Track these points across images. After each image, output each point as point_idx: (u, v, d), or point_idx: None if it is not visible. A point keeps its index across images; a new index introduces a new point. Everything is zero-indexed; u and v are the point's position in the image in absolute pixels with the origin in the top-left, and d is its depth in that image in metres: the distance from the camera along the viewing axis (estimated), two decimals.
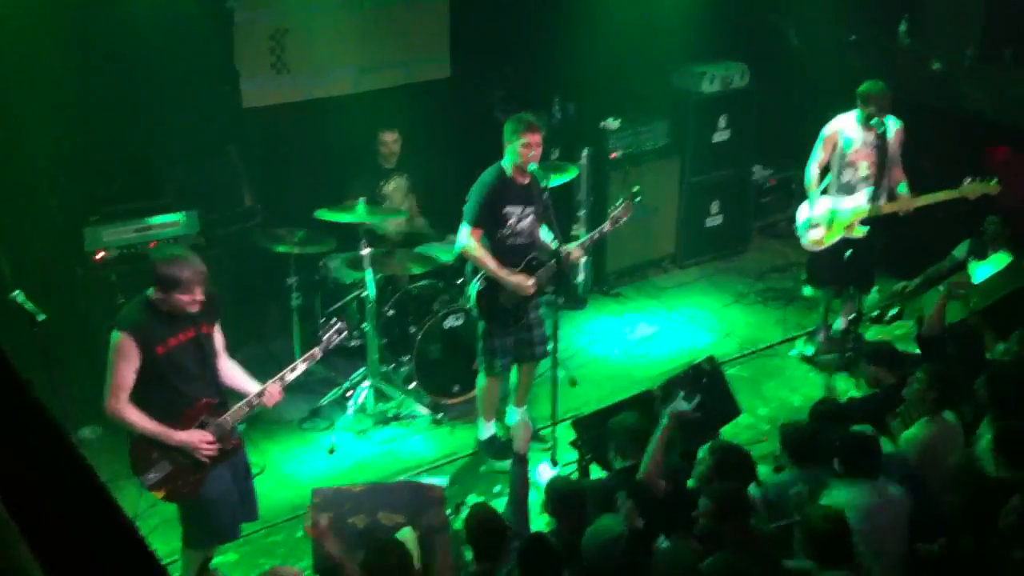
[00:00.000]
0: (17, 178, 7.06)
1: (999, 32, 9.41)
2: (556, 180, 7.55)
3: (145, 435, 4.95)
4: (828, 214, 7.81)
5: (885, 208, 7.67)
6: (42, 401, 1.29)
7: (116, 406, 4.89)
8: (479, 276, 6.60)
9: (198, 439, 4.99)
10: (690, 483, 5.41)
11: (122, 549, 1.28)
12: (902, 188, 7.74)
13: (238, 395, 5.24)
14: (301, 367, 5.39)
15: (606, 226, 6.73)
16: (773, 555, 4.78)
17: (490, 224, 6.48)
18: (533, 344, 6.82)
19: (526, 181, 6.49)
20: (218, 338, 5.27)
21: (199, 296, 4.93)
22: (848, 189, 7.78)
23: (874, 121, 7.55)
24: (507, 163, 6.47)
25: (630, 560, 4.76)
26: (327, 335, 5.58)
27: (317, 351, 5.50)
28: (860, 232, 7.74)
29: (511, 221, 6.48)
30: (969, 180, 7.45)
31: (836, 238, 7.85)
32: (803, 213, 8.04)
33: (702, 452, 5.55)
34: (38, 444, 1.26)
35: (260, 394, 5.16)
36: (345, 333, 5.65)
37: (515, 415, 7.03)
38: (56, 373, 6.65)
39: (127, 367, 4.86)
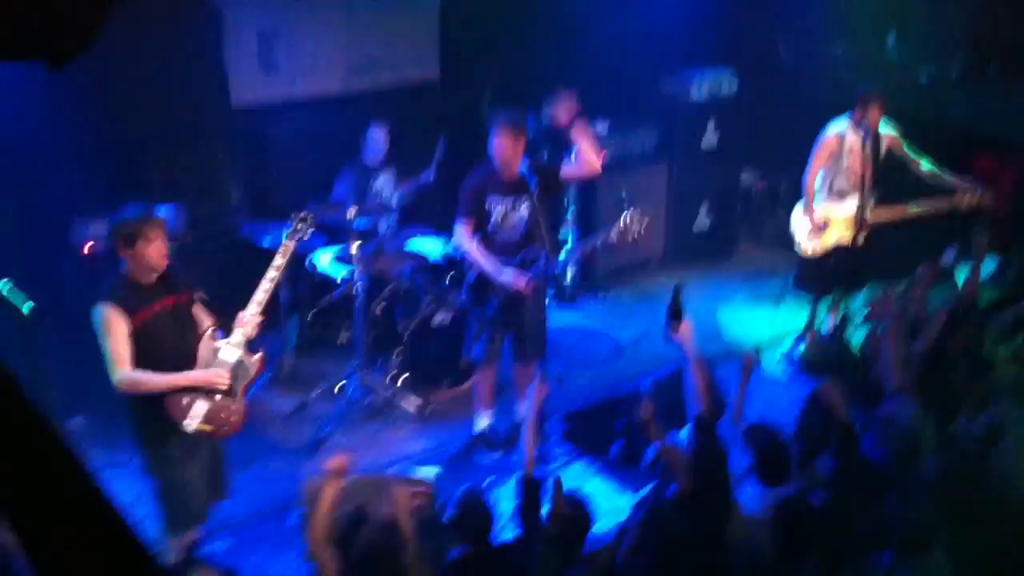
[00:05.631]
0: (1, 172, 7.01)
1: (985, 46, 9.51)
2: None
3: (165, 389, 4.96)
4: (823, 220, 7.86)
5: (877, 215, 7.73)
6: (28, 391, 1.28)
7: (121, 376, 4.87)
8: (475, 269, 6.60)
9: (206, 375, 5.03)
10: None
11: (112, 538, 1.26)
12: (926, 164, 7.78)
13: None
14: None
15: (612, 234, 6.35)
16: None
17: (478, 218, 6.48)
18: (527, 343, 6.75)
19: (512, 174, 6.37)
20: (201, 315, 5.30)
21: (164, 247, 4.96)
22: (840, 195, 7.84)
23: (862, 124, 7.61)
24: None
25: None
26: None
27: None
28: (854, 240, 7.80)
29: (496, 213, 6.47)
30: (961, 192, 7.54)
31: (831, 243, 7.90)
32: (798, 219, 8.06)
33: None
34: (23, 435, 1.24)
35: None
36: None
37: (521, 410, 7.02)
38: (42, 364, 6.69)
39: (118, 336, 4.86)
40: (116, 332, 4.86)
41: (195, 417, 5.02)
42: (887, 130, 7.76)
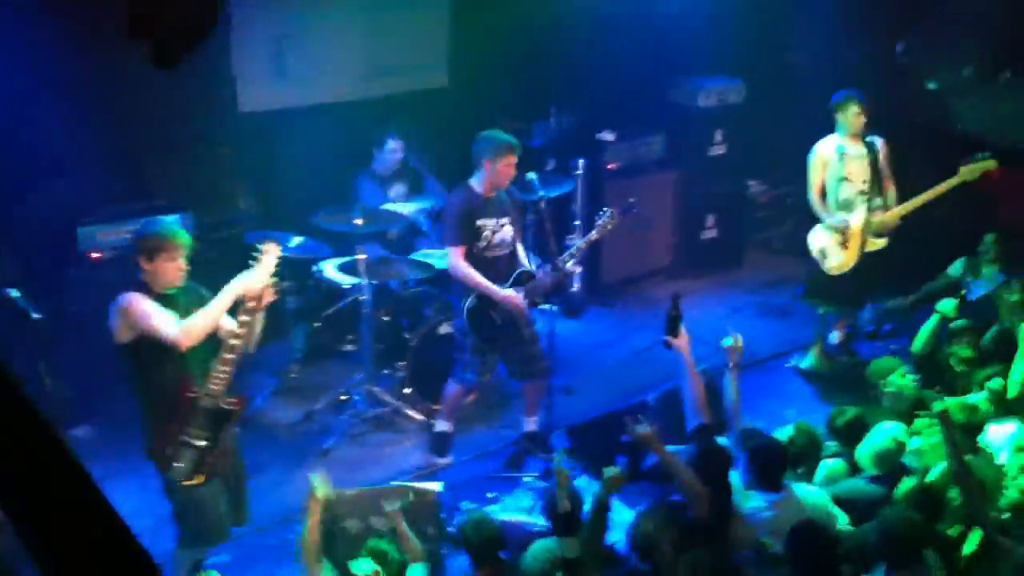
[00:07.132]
0: (8, 178, 7.01)
1: (998, 52, 9.45)
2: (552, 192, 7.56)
3: (219, 317, 4.99)
4: (842, 234, 7.76)
5: (890, 215, 7.69)
6: (33, 400, 1.27)
7: (176, 331, 4.86)
8: (471, 294, 6.56)
9: (246, 278, 5.02)
10: None
11: (115, 548, 1.26)
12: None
13: None
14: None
15: (593, 235, 6.74)
16: None
17: (470, 240, 6.48)
18: (534, 360, 6.78)
19: (494, 194, 6.51)
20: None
21: (183, 266, 4.99)
22: (847, 205, 7.76)
23: (841, 128, 7.61)
24: (476, 180, 6.50)
25: None
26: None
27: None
28: (878, 245, 7.75)
29: (486, 234, 6.49)
30: (964, 163, 7.49)
31: (856, 256, 7.80)
32: (815, 240, 7.96)
33: None
34: (28, 443, 1.24)
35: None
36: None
37: (526, 425, 7.05)
38: (49, 372, 6.71)
39: (151, 311, 4.87)
40: (147, 309, 4.87)
41: (183, 463, 5.02)
42: (879, 139, 7.72)
